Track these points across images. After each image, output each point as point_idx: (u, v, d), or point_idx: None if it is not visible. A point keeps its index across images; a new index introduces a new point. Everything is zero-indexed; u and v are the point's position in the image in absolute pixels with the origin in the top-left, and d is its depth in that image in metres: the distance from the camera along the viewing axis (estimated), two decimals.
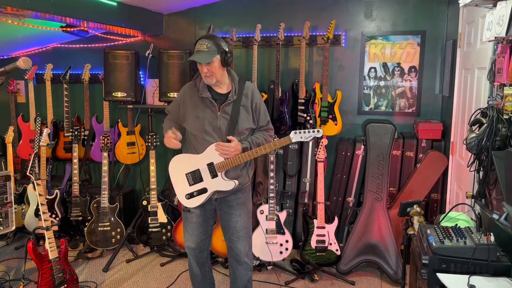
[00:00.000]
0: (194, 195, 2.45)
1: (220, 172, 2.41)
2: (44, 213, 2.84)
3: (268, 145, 2.39)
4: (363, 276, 3.43)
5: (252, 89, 2.49)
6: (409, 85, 3.77)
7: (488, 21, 2.12)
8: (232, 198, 2.52)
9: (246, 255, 2.58)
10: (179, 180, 2.49)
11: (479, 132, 2.04)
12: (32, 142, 4.24)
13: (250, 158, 2.39)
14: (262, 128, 2.56)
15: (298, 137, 2.39)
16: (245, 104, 2.44)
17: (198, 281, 2.71)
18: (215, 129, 2.40)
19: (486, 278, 1.62)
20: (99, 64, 4.10)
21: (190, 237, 2.59)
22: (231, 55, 2.36)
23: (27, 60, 1.78)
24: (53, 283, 2.81)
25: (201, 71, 2.34)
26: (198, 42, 2.32)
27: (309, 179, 3.76)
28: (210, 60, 2.28)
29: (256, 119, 2.50)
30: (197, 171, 2.44)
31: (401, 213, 2.33)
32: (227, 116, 2.40)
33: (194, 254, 2.62)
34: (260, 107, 2.51)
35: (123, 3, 3.53)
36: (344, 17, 3.81)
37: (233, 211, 2.54)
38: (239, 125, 2.41)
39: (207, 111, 2.40)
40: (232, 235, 2.56)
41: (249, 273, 2.63)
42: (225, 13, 4.05)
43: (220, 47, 2.31)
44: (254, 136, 2.50)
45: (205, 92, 2.40)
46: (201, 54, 2.29)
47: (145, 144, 3.95)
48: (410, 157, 3.60)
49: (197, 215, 2.54)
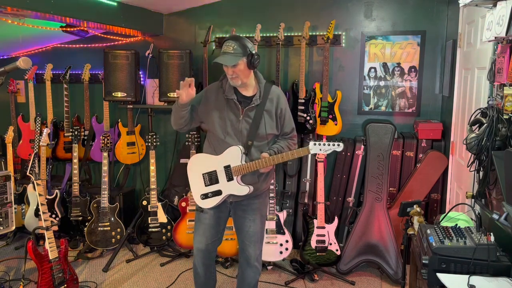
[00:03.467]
0: (209, 196, 2.44)
1: (236, 176, 2.38)
2: (44, 213, 2.84)
3: (286, 154, 2.34)
4: (363, 276, 3.42)
5: (278, 94, 2.45)
6: (409, 85, 3.77)
7: (488, 21, 2.12)
8: (247, 203, 2.49)
9: (256, 259, 2.57)
10: (196, 179, 2.47)
11: (479, 132, 2.04)
12: (32, 142, 4.24)
13: (267, 165, 2.34)
14: (286, 135, 2.52)
15: (317, 149, 2.34)
16: (269, 109, 2.41)
17: (201, 282, 2.67)
18: (236, 132, 2.38)
19: (486, 278, 1.62)
20: (99, 64, 4.10)
21: (200, 238, 2.55)
22: (258, 57, 2.31)
23: (27, 60, 1.78)
24: (53, 283, 2.81)
25: (227, 73, 2.32)
26: (225, 44, 2.29)
27: (309, 179, 3.76)
28: (236, 63, 2.25)
29: (280, 126, 2.47)
30: (214, 173, 2.42)
31: (401, 213, 2.33)
32: (249, 120, 2.38)
33: (201, 255, 2.57)
34: (286, 114, 2.47)
35: (123, 3, 3.53)
36: (344, 17, 3.81)
37: (247, 216, 2.51)
38: (260, 130, 2.38)
39: (231, 113, 2.38)
40: (245, 239, 2.55)
41: (257, 276, 2.62)
42: (225, 13, 4.05)
43: (247, 49, 2.27)
44: (278, 144, 2.47)
45: (231, 94, 2.37)
46: (227, 56, 2.26)
47: (145, 144, 3.95)
48: (410, 157, 3.60)
49: (211, 216, 2.51)
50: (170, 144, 4.32)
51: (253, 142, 2.38)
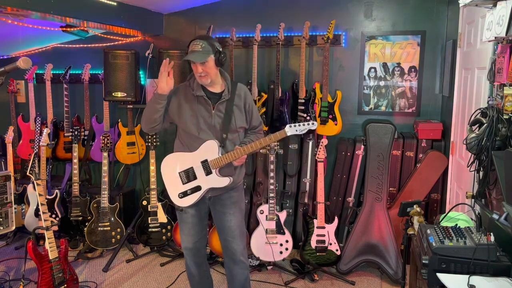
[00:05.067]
0: (188, 194, 2.45)
1: (214, 169, 2.42)
2: (44, 213, 2.84)
3: (264, 140, 2.41)
4: (363, 276, 3.43)
5: (245, 90, 2.54)
6: (409, 85, 3.77)
7: (488, 21, 2.12)
8: (226, 196, 2.54)
9: (242, 254, 2.58)
10: (171, 179, 2.49)
11: (479, 132, 2.04)
12: (32, 142, 4.24)
13: (245, 153, 2.40)
14: (255, 128, 2.61)
15: (293, 130, 2.41)
16: (238, 103, 2.48)
17: (196, 281, 2.70)
18: (210, 127, 2.42)
19: (486, 278, 1.62)
20: (99, 64, 4.10)
21: (187, 238, 2.58)
22: (224, 55, 2.39)
23: (27, 60, 1.78)
24: (53, 283, 2.81)
25: (196, 71, 2.36)
26: (192, 43, 2.34)
27: (309, 179, 3.76)
28: (205, 60, 2.30)
29: (249, 119, 2.55)
30: (191, 169, 2.44)
31: (401, 213, 2.33)
32: (221, 114, 2.43)
33: (191, 254, 2.62)
34: (253, 108, 2.57)
35: (123, 3, 3.53)
36: (344, 17, 3.81)
37: (226, 210, 2.55)
38: (233, 123, 2.45)
39: (202, 109, 2.42)
40: (227, 235, 2.57)
41: (245, 272, 2.63)
42: (225, 13, 4.05)
43: (215, 47, 2.34)
44: (249, 138, 2.56)
45: (199, 91, 2.42)
46: (196, 54, 2.30)
47: (145, 144, 3.95)
48: (410, 157, 3.60)
49: (192, 215, 2.54)
50: (170, 144, 4.32)
51: (227, 135, 2.44)
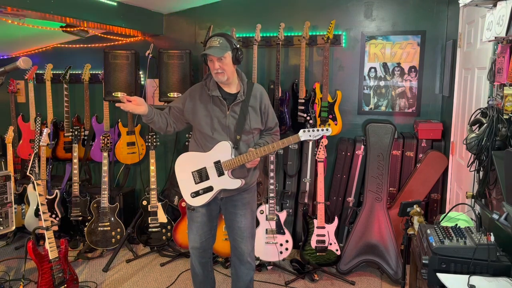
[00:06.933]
0: (200, 193, 2.45)
1: (226, 171, 2.41)
2: (44, 213, 2.84)
3: (276, 143, 2.40)
4: (363, 276, 3.43)
5: (260, 91, 2.52)
6: (409, 85, 3.77)
7: (488, 21, 2.12)
8: (238, 198, 2.53)
9: (249, 255, 2.60)
10: (185, 178, 2.49)
11: (479, 132, 2.04)
12: (32, 142, 4.24)
13: (258, 156, 2.38)
14: (270, 129, 2.59)
15: (307, 136, 2.39)
16: (254, 105, 2.46)
17: (199, 281, 2.71)
18: (224, 127, 2.41)
19: (486, 278, 1.62)
20: (99, 64, 4.10)
21: (195, 237, 2.58)
22: (241, 53, 2.38)
23: (27, 60, 1.78)
24: (53, 283, 2.81)
25: (213, 68, 2.35)
26: (210, 39, 2.35)
27: (309, 179, 3.76)
28: (222, 55, 2.30)
29: (265, 121, 2.53)
30: (204, 169, 2.44)
31: (401, 213, 2.33)
32: (235, 115, 2.42)
33: (197, 254, 2.61)
34: (269, 109, 2.54)
35: (123, 3, 3.53)
36: (344, 17, 3.81)
37: (238, 211, 2.54)
38: (247, 125, 2.43)
39: (217, 109, 2.42)
40: (237, 235, 2.57)
41: (251, 273, 2.64)
42: (225, 13, 4.05)
43: (232, 44, 2.35)
44: (264, 139, 2.53)
45: (215, 91, 2.41)
46: (214, 48, 2.30)
47: (145, 144, 3.95)
48: (410, 157, 3.60)
49: (203, 214, 2.53)
50: (170, 144, 4.32)
51: (241, 137, 2.42)
